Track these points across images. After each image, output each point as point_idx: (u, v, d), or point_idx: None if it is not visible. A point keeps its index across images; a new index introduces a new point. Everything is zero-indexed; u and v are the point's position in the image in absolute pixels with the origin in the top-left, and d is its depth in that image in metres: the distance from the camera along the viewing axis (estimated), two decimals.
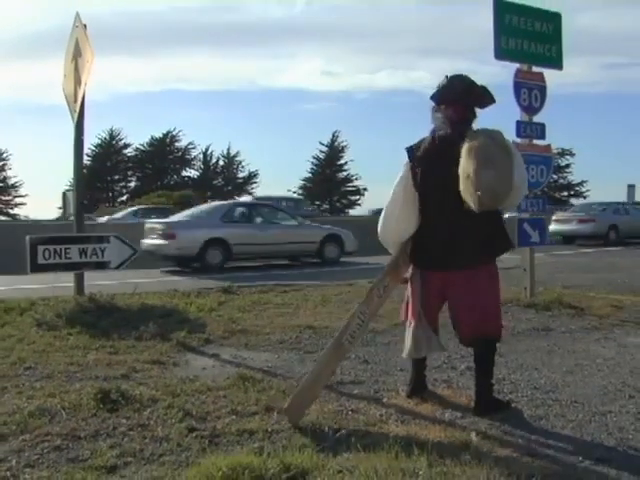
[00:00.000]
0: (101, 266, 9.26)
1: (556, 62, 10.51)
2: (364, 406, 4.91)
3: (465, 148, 4.34)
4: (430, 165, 4.63)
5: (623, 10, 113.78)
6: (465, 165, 4.30)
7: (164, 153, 75.54)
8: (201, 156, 77.79)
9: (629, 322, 8.50)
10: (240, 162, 78.20)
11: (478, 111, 4.80)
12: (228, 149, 77.91)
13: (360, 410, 4.82)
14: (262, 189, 76.73)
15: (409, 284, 4.94)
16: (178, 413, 4.62)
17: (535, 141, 10.21)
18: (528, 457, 3.93)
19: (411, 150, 4.81)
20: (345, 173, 78.06)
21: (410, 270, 4.92)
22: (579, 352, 6.82)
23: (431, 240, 4.71)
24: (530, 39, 10.05)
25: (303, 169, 79.81)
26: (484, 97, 4.73)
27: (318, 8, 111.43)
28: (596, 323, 8.36)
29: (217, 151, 78.44)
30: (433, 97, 4.74)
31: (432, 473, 3.60)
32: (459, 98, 4.65)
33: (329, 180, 75.50)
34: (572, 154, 71.80)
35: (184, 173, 77.22)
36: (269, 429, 4.37)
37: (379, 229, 4.98)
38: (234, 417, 4.61)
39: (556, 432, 4.43)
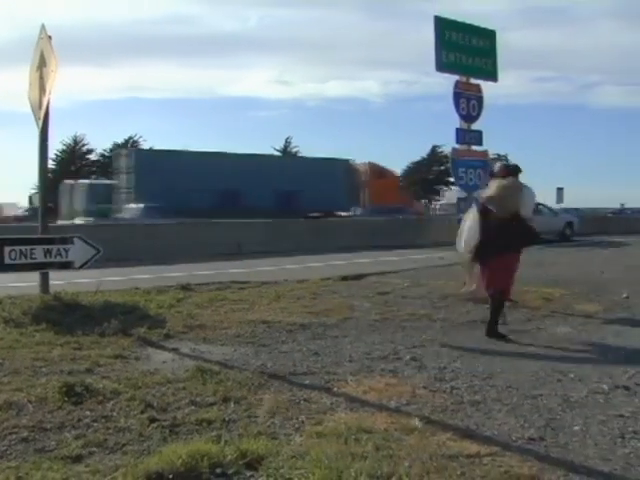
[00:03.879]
0: (65, 266, 9.10)
1: (492, 75, 10.72)
2: (315, 395, 4.93)
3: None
4: None
5: (549, 28, 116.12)
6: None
7: None
8: None
9: (558, 313, 8.70)
10: None
11: None
12: None
13: (312, 399, 4.84)
14: None
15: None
16: (140, 405, 4.58)
17: (473, 147, 10.38)
18: (467, 439, 4.01)
19: None
20: None
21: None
22: (513, 341, 6.95)
23: None
24: (468, 53, 10.24)
25: None
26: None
27: (271, 21, 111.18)
28: (529, 314, 8.54)
29: None
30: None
31: (379, 456, 3.64)
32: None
33: None
34: (507, 159, 72.96)
35: None
36: (226, 418, 4.36)
37: None
38: (193, 407, 4.59)
39: (493, 415, 4.51)
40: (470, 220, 7.60)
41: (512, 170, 7.87)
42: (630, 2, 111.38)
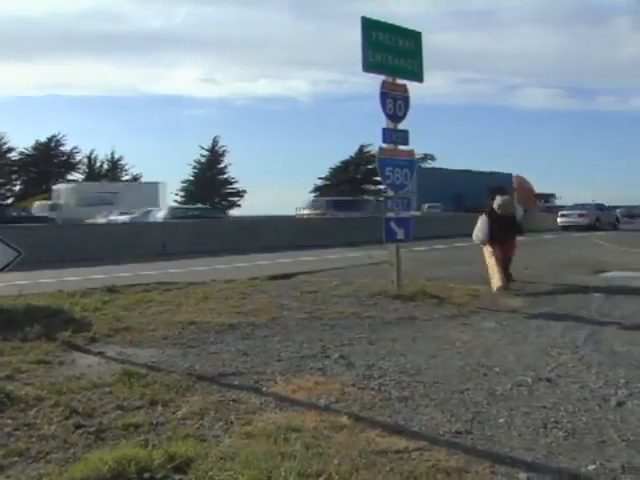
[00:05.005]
0: None
1: (418, 75, 10.86)
2: (244, 396, 4.91)
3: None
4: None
5: (474, 31, 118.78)
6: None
7: (49, 157, 72.50)
8: (86, 160, 75.30)
9: (483, 309, 8.91)
10: (124, 166, 76.27)
11: None
12: (112, 153, 75.85)
13: (241, 400, 4.81)
14: None
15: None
16: (64, 411, 4.46)
17: (400, 147, 10.50)
18: (396, 435, 4.06)
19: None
20: (225, 176, 77.63)
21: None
22: (440, 337, 7.08)
23: None
24: (394, 54, 10.35)
25: (185, 172, 78.55)
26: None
27: (198, 19, 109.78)
28: (455, 311, 8.72)
29: (101, 155, 76.19)
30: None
31: (309, 455, 3.65)
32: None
33: (210, 183, 74.79)
34: (434, 158, 74.42)
35: (69, 177, 74.40)
36: (154, 422, 4.29)
37: None
38: (120, 412, 4.50)
39: (421, 410, 4.58)
40: (480, 221, 11.55)
41: (504, 191, 12.23)
42: (552, 8, 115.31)
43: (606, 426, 4.25)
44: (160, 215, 30.61)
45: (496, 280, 10.76)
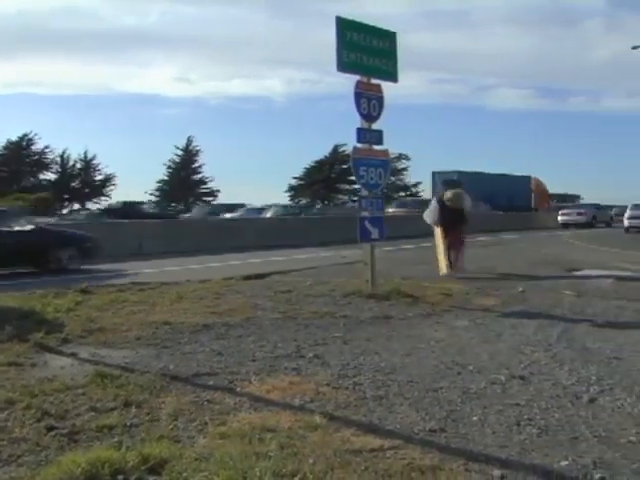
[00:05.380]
0: None
1: (392, 75, 10.89)
2: (219, 396, 4.88)
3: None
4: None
5: (448, 31, 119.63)
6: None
7: (20, 156, 71.67)
8: (58, 159, 74.49)
9: (456, 307, 8.97)
10: (97, 165, 75.59)
11: None
12: (85, 152, 75.13)
13: (215, 400, 4.79)
14: (119, 192, 75.08)
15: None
16: (36, 413, 4.40)
17: (374, 146, 10.53)
18: (371, 433, 4.07)
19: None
20: (200, 175, 77.33)
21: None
22: (415, 336, 7.11)
23: None
24: (369, 54, 10.37)
25: (160, 172, 78.11)
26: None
27: (173, 18, 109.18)
28: (429, 309, 8.76)
29: (74, 154, 75.44)
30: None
31: (283, 454, 3.65)
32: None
33: (184, 182, 74.45)
34: (408, 158, 74.77)
35: (42, 176, 73.65)
36: (128, 423, 4.26)
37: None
38: (93, 414, 4.45)
39: (395, 409, 4.60)
40: (432, 205, 13.98)
41: (458, 184, 14.26)
42: (525, 9, 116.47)
43: (578, 422, 4.30)
44: None
45: (443, 266, 13.24)
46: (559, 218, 43.35)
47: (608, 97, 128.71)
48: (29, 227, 15.09)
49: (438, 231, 13.81)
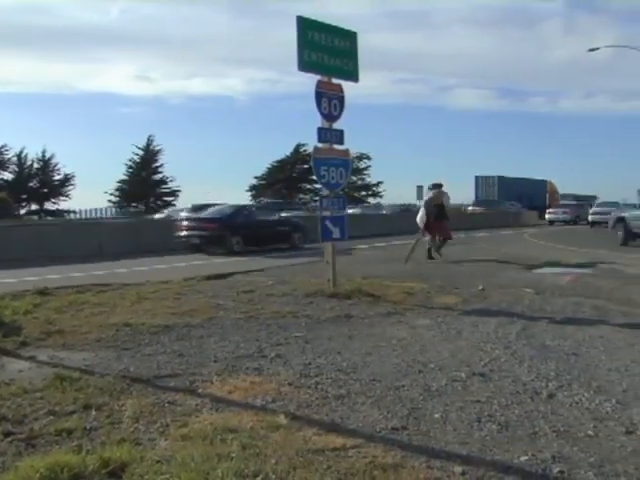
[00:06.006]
0: None
1: (353, 75, 10.92)
2: (180, 397, 4.84)
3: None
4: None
5: (409, 32, 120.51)
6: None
7: None
8: (15, 159, 73.04)
9: (418, 306, 9.02)
10: (56, 165, 74.30)
11: None
12: (43, 152, 73.71)
13: (177, 401, 4.74)
14: (78, 192, 74.01)
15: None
16: None
17: (335, 146, 10.54)
18: (333, 433, 4.06)
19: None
20: (160, 175, 76.53)
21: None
22: (376, 335, 7.13)
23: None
24: (330, 54, 10.38)
25: (119, 172, 77.09)
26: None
27: (133, 16, 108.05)
28: (391, 308, 8.79)
29: (32, 154, 74.00)
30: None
31: (246, 455, 3.63)
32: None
33: (145, 182, 73.61)
34: (369, 158, 74.82)
35: None
36: (88, 426, 4.19)
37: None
38: (52, 417, 4.38)
39: (357, 408, 4.60)
40: (421, 212, 16.53)
41: (439, 186, 16.76)
42: (484, 10, 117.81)
43: (537, 418, 4.36)
44: None
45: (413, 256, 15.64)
46: (547, 216, 46.31)
47: (566, 98, 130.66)
48: (278, 218, 24.00)
49: (424, 231, 16.51)
